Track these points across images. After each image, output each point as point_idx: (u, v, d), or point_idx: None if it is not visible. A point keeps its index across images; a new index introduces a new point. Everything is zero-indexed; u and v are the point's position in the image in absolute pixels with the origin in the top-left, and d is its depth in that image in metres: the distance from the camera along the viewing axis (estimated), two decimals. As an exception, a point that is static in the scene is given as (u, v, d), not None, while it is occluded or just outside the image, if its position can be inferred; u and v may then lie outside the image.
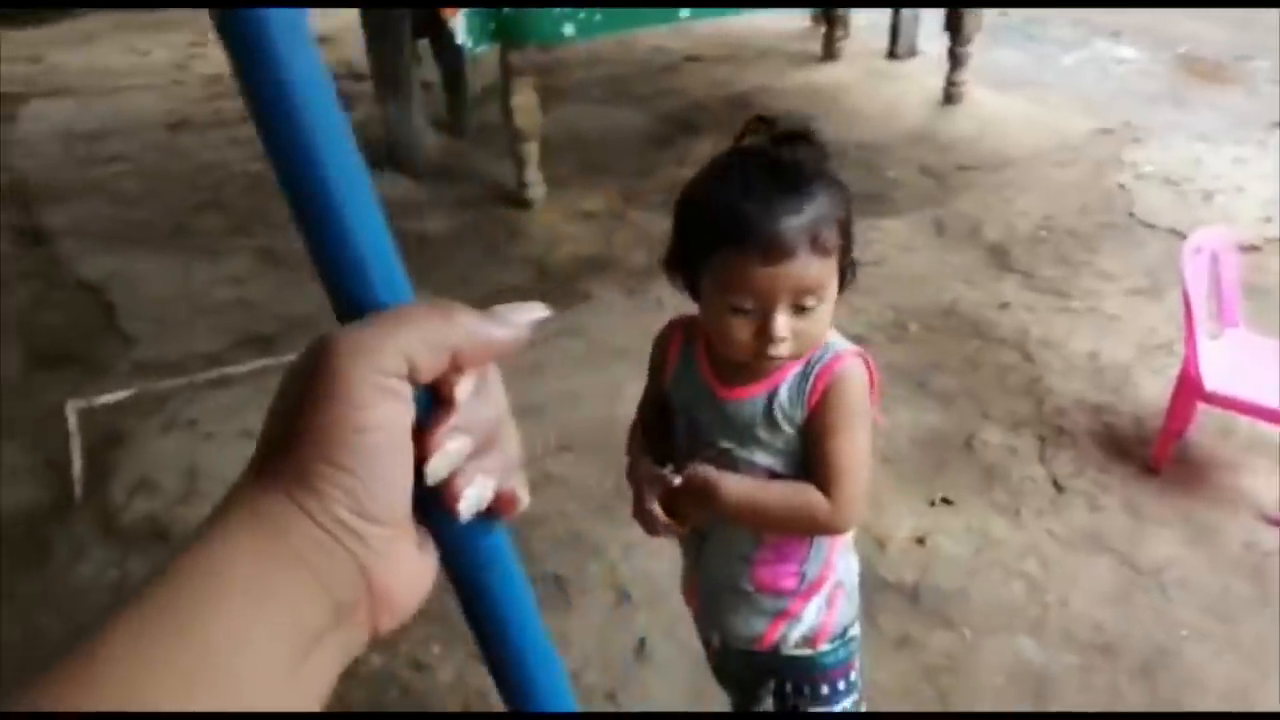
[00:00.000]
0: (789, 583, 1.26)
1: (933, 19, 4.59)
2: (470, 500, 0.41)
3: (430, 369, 0.39)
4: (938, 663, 2.00)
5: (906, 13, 5.01)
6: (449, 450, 0.40)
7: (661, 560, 2.15)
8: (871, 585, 2.18)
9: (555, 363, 2.93)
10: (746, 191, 1.07)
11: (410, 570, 0.41)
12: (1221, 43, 5.01)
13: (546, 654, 0.47)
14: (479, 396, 0.41)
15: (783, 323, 1.09)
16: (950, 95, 4.52)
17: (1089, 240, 3.43)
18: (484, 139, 4.42)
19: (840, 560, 1.30)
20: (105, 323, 3.27)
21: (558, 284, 3.38)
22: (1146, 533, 2.27)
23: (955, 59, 4.42)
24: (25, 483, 2.63)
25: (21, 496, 2.58)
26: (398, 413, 0.39)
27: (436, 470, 0.40)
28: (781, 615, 1.28)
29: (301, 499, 0.38)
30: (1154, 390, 2.63)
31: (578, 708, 0.48)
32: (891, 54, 5.14)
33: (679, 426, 1.27)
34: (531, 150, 3.79)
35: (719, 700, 1.86)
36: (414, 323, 0.39)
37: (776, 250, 1.06)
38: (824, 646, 1.32)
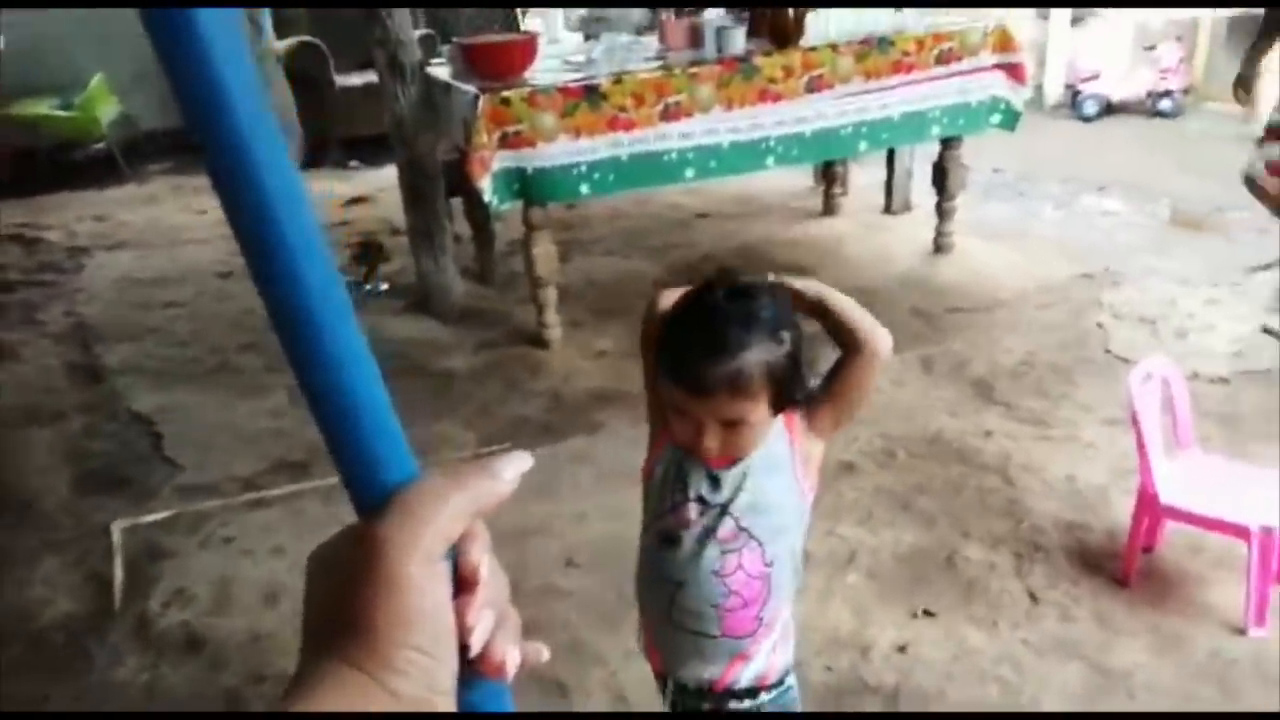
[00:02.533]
0: (749, 626, 1.44)
1: (925, 177, 4.96)
2: (514, 666, 0.46)
3: (457, 538, 0.45)
4: (914, 760, 2.12)
5: (899, 171, 5.40)
6: (483, 628, 0.45)
7: (657, 665, 2.31)
8: (853, 689, 2.32)
9: (565, 486, 3.15)
10: (686, 336, 1.33)
11: None
12: (1203, 198, 5.33)
13: None
14: (493, 573, 0.46)
15: (710, 436, 1.33)
16: (939, 245, 4.84)
17: (1068, 374, 3.64)
18: (509, 286, 4.78)
19: (786, 607, 1.49)
20: (153, 450, 3.54)
21: (572, 415, 3.63)
22: (1115, 642, 2.39)
23: (942, 213, 4.78)
24: (67, 595, 2.82)
25: (63, 607, 2.77)
26: (447, 591, 0.44)
27: (476, 646, 0.45)
28: (739, 656, 1.46)
29: (385, 679, 0.41)
30: (1126, 510, 2.77)
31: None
32: (887, 209, 5.51)
33: (668, 466, 1.46)
34: (550, 295, 4.11)
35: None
36: (445, 502, 0.44)
37: (698, 390, 1.30)
38: (764, 697, 1.49)
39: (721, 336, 1.29)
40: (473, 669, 0.45)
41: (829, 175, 5.56)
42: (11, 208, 6.48)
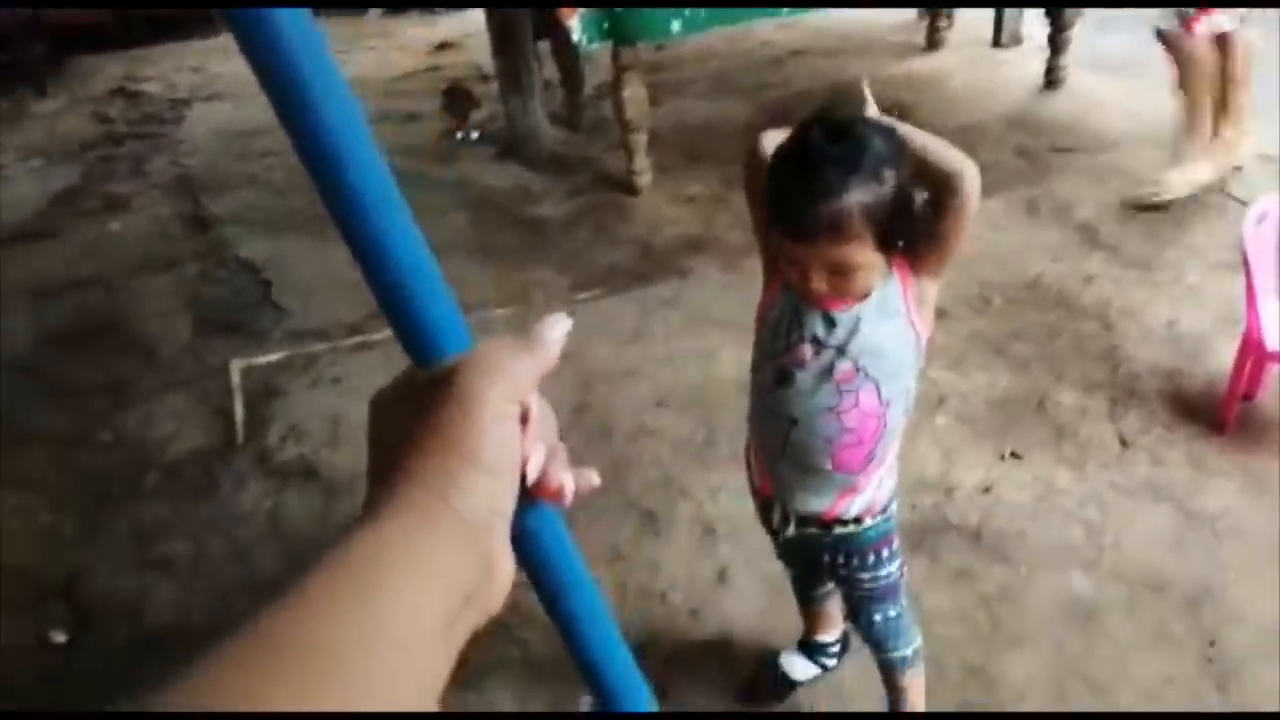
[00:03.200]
0: (860, 462, 1.47)
1: (1036, 9, 4.66)
2: (570, 490, 0.50)
3: (525, 394, 0.48)
4: (993, 592, 2.17)
5: (1010, 1, 5.08)
6: (537, 458, 0.49)
7: (746, 502, 2.38)
8: (936, 527, 2.37)
9: (655, 331, 3.20)
10: (787, 181, 1.30)
11: (510, 559, 0.47)
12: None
13: (596, 599, 0.55)
14: (542, 410, 0.50)
15: (817, 279, 1.33)
16: (1050, 80, 4.59)
17: (1179, 217, 3.48)
18: (598, 131, 4.74)
19: (896, 443, 1.51)
20: (263, 296, 3.71)
21: (660, 262, 3.64)
22: (1205, 484, 2.38)
23: (1055, 45, 4.50)
24: (196, 427, 3.04)
25: (193, 439, 3.00)
26: (516, 426, 0.47)
27: (532, 474, 0.49)
28: (849, 490, 1.50)
29: (453, 498, 0.44)
30: (1229, 357, 2.70)
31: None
32: (996, 42, 5.21)
33: (782, 308, 1.46)
34: (640, 140, 4.06)
35: (789, 620, 2.08)
36: (518, 359, 0.48)
37: (799, 235, 1.30)
38: (868, 521, 1.54)
39: (820, 180, 1.26)
40: (528, 495, 0.49)
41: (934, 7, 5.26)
42: (114, 60, 6.63)
